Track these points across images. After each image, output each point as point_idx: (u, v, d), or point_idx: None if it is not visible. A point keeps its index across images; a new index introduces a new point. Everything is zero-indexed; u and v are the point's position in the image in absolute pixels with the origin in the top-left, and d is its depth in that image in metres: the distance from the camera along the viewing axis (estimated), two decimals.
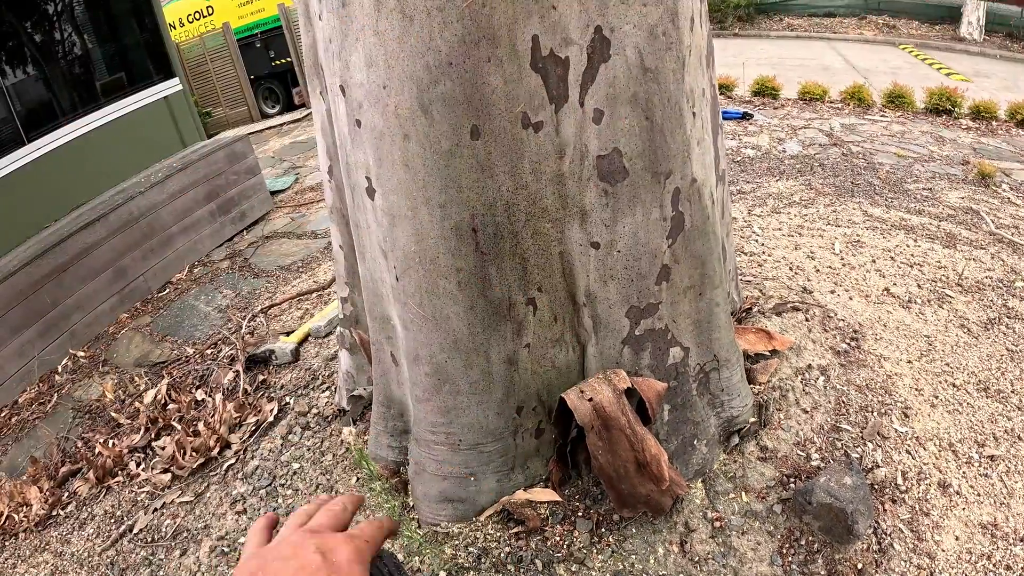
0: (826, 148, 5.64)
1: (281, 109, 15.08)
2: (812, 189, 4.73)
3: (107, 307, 5.61)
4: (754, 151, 5.78)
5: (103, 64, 6.98)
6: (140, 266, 5.88)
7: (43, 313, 5.14)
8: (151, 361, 4.73)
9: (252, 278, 5.73)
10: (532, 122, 1.66)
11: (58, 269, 5.24)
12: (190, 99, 7.46)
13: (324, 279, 5.08)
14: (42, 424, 4.44)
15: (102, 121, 6.51)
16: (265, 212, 7.28)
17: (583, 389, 1.87)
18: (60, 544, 3.18)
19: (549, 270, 1.85)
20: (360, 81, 1.68)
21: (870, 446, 2.34)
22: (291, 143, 11.22)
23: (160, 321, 5.41)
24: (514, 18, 1.55)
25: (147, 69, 7.13)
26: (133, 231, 5.81)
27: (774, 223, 4.16)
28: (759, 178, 5.12)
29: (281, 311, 4.74)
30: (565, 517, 2.13)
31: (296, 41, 13.83)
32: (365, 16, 1.60)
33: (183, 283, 6.06)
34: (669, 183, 1.83)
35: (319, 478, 2.65)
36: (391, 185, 1.74)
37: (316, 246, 6.01)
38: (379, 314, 2.15)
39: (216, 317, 5.13)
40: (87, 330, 5.44)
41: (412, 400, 2.13)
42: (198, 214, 6.41)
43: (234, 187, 6.76)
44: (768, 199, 4.63)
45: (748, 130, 6.46)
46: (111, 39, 7.04)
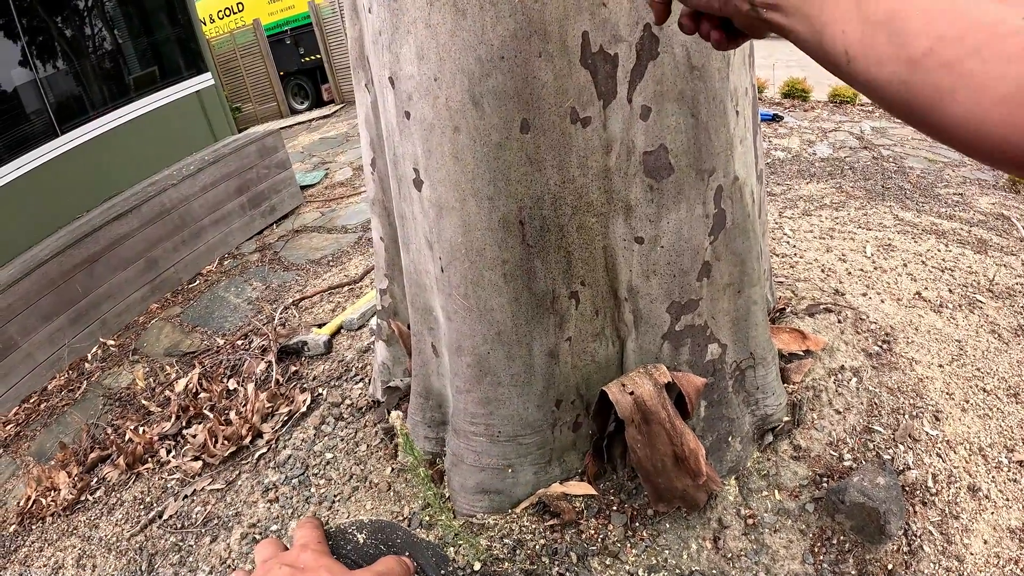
0: (856, 151, 5.61)
1: (310, 105, 15.24)
2: (843, 192, 4.71)
3: (138, 297, 5.68)
4: (784, 153, 5.76)
5: (136, 58, 7.07)
6: (171, 257, 5.95)
7: (74, 301, 5.21)
8: (181, 351, 4.78)
9: (282, 271, 5.78)
10: (580, 117, 1.68)
11: (90, 259, 5.31)
12: (222, 94, 7.54)
13: (355, 273, 5.11)
14: (71, 410, 4.50)
15: (135, 114, 6.60)
16: (295, 206, 7.34)
17: (624, 382, 1.88)
18: (88, 529, 3.21)
19: (593, 264, 1.86)
20: (410, 73, 1.70)
21: (901, 448, 2.33)
22: (320, 139, 11.29)
23: (190, 312, 5.47)
24: (565, 14, 1.57)
25: (179, 64, 7.22)
26: (165, 223, 5.87)
27: (805, 225, 4.15)
28: (790, 180, 5.11)
29: (312, 304, 4.78)
30: (600, 511, 2.15)
31: (326, 38, 13.92)
32: (417, 9, 1.62)
33: (213, 275, 6.12)
34: (712, 180, 1.84)
35: (353, 468, 2.67)
36: (439, 176, 1.76)
37: (346, 240, 6.05)
38: (421, 305, 2.17)
39: (246, 309, 5.17)
40: (117, 319, 5.50)
41: (452, 391, 2.15)
42: (229, 207, 6.48)
43: (265, 181, 6.82)
44: (799, 201, 4.62)
45: (778, 132, 6.44)
46: (144, 34, 7.12)
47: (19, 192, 5.66)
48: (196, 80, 7.18)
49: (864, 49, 0.60)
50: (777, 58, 10.01)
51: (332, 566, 0.68)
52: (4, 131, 5.74)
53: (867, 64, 0.60)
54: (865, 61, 0.60)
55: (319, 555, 0.70)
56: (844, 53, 0.63)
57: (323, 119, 13.54)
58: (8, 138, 5.74)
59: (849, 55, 0.62)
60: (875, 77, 0.59)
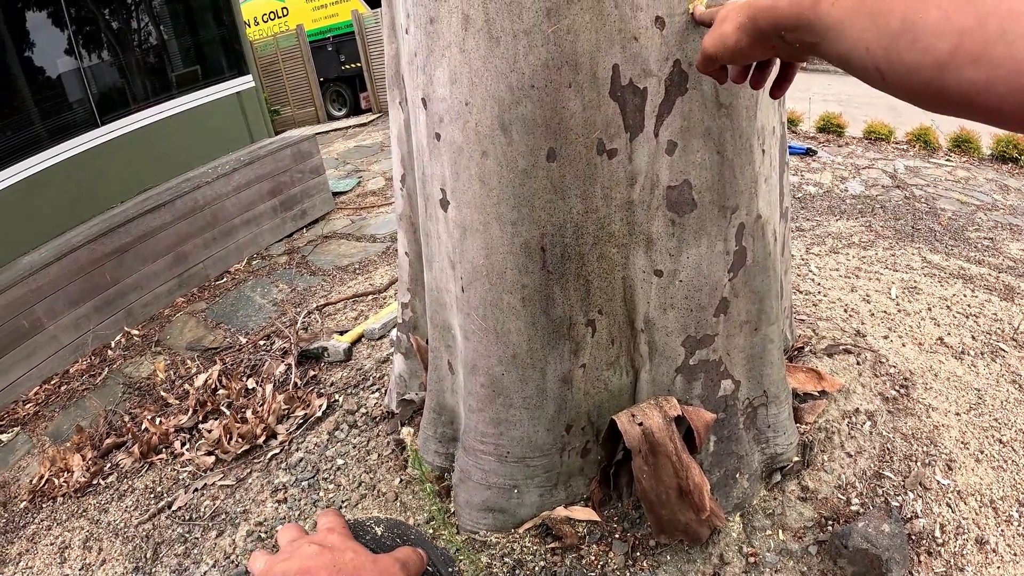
0: (889, 190, 5.58)
1: (347, 112, 15.41)
2: (872, 231, 4.69)
3: (164, 290, 5.76)
4: (816, 188, 5.74)
5: (180, 56, 7.19)
6: (200, 253, 6.03)
7: (102, 289, 5.30)
8: (203, 346, 4.84)
9: (308, 275, 5.83)
10: (607, 149, 1.70)
11: (121, 249, 5.40)
12: (262, 96, 7.64)
13: (380, 283, 5.16)
14: (91, 395, 4.57)
15: (175, 110, 6.70)
16: (326, 212, 7.41)
17: (634, 413, 1.90)
18: (97, 512, 3.26)
19: (611, 294, 1.88)
20: (443, 96, 1.73)
21: (911, 496, 2.32)
22: (356, 146, 11.39)
23: (215, 308, 5.54)
24: (597, 46, 1.59)
25: (222, 64, 7.33)
26: (196, 219, 5.96)
27: (831, 263, 4.13)
28: (819, 216, 5.09)
29: (336, 310, 4.83)
30: (602, 537, 2.15)
31: (367, 48, 14.06)
32: (452, 34, 1.65)
33: (240, 274, 6.19)
34: (735, 218, 1.85)
35: (362, 476, 2.70)
36: (465, 199, 1.79)
37: (374, 250, 6.10)
38: (440, 322, 2.20)
39: (270, 309, 5.23)
40: (143, 310, 5.59)
41: (465, 409, 2.18)
42: (261, 208, 6.56)
43: (298, 185, 6.90)
44: (827, 238, 4.60)
45: (811, 167, 6.42)
46: (189, 32, 7.25)
47: (57, 178, 5.76)
48: (237, 81, 7.29)
49: (892, 63, 0.60)
50: (814, 91, 9.99)
51: (357, 548, 0.70)
52: (46, 117, 5.85)
53: (899, 77, 0.60)
54: (897, 74, 0.60)
55: (345, 538, 0.72)
56: (876, 70, 0.63)
57: (359, 127, 13.66)
58: (50, 124, 5.85)
59: (882, 71, 0.62)
60: (911, 87, 0.59)
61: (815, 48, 0.78)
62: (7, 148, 5.55)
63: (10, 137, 5.58)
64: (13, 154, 5.54)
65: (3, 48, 5.59)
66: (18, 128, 5.66)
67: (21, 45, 5.75)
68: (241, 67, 7.36)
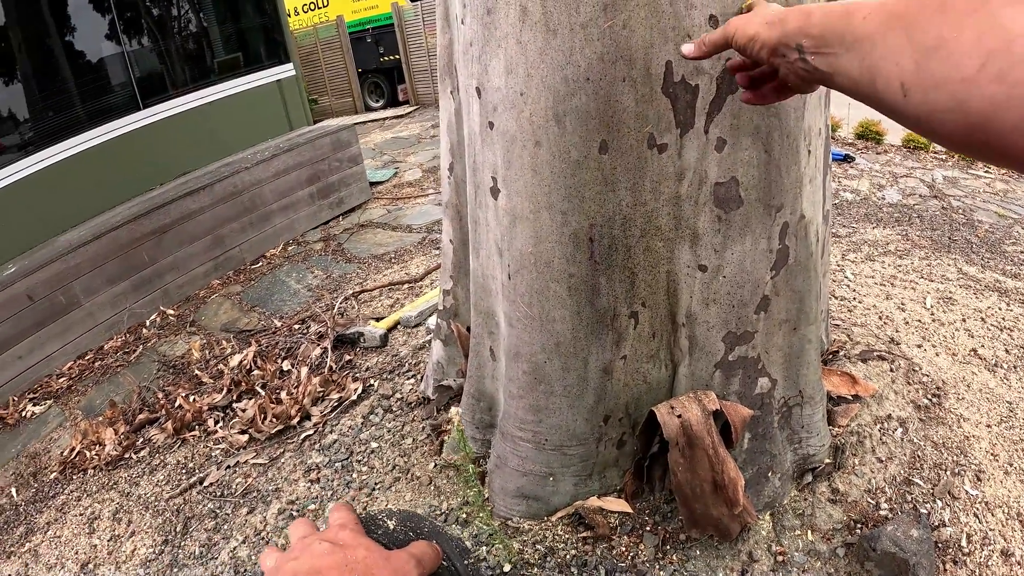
0: (926, 200, 5.54)
1: (384, 104, 15.53)
2: (908, 240, 4.66)
3: (201, 271, 5.85)
4: (853, 195, 5.71)
5: (222, 43, 7.28)
6: (237, 237, 6.11)
7: (140, 269, 5.39)
8: (237, 328, 4.90)
9: (344, 263, 5.89)
10: (658, 143, 1.72)
11: (159, 230, 5.48)
12: (301, 85, 7.71)
13: (416, 272, 5.20)
14: (125, 372, 4.64)
15: (216, 96, 6.80)
16: (363, 201, 7.47)
17: (673, 405, 1.92)
18: (128, 485, 3.32)
19: (655, 287, 1.90)
20: (498, 86, 1.76)
21: (939, 504, 2.31)
22: (393, 137, 11.46)
23: (250, 291, 5.61)
24: (651, 42, 1.61)
25: (263, 52, 7.41)
26: (235, 203, 6.04)
27: (867, 270, 4.12)
28: (856, 223, 5.07)
29: (371, 297, 4.87)
30: (633, 529, 2.17)
31: (406, 40, 14.14)
32: (509, 25, 1.68)
33: (276, 259, 6.26)
34: (779, 216, 1.86)
35: (396, 459, 2.73)
36: (516, 187, 1.81)
37: (410, 240, 6.14)
38: (484, 309, 2.23)
39: (305, 295, 5.29)
40: (179, 290, 5.68)
41: (505, 395, 2.20)
42: (298, 195, 6.64)
43: (335, 173, 6.96)
44: (863, 245, 4.58)
45: (848, 173, 6.38)
46: (231, 20, 7.33)
47: (99, 159, 5.87)
48: (278, 69, 7.36)
49: (920, 78, 0.62)
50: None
51: (370, 544, 0.69)
52: (89, 99, 5.96)
53: (924, 92, 0.62)
54: (922, 90, 0.62)
55: (357, 535, 0.71)
56: (900, 86, 0.65)
57: (397, 119, 13.75)
58: (93, 106, 5.96)
59: (906, 87, 0.65)
60: (932, 104, 0.61)
61: (831, 63, 0.81)
62: (52, 128, 5.66)
63: (54, 117, 5.69)
64: (57, 134, 5.65)
65: (48, 32, 5.70)
66: (62, 109, 5.77)
67: (66, 29, 5.86)
68: (282, 55, 7.44)
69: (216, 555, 2.66)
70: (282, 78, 7.38)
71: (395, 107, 15.17)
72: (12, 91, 5.53)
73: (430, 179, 8.19)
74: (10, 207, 5.33)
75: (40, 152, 5.55)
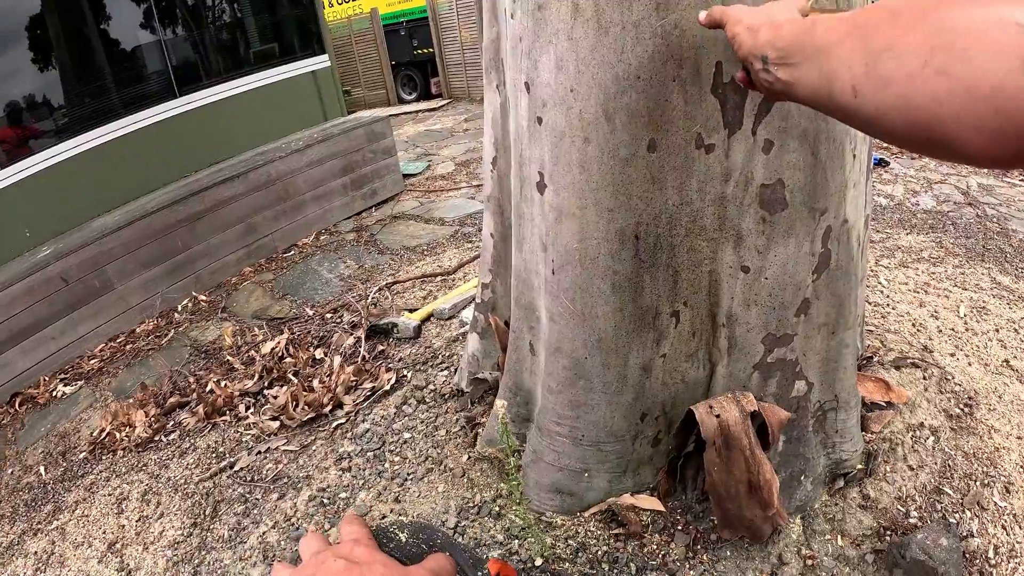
0: (960, 207, 5.48)
1: (417, 97, 15.62)
2: (942, 248, 4.62)
3: (233, 259, 5.90)
4: (887, 200, 5.66)
5: (258, 33, 7.35)
6: (270, 225, 6.16)
7: (173, 254, 5.46)
8: (269, 315, 4.94)
9: (376, 254, 5.91)
10: (705, 143, 1.72)
11: (193, 217, 5.54)
12: (336, 76, 7.76)
13: (448, 265, 5.22)
14: (156, 355, 4.68)
15: (252, 86, 6.87)
16: (396, 193, 7.50)
17: (712, 405, 1.92)
18: (157, 468, 3.35)
19: (697, 286, 1.91)
20: (547, 81, 1.77)
21: (968, 514, 2.30)
22: (426, 130, 11.51)
23: (282, 280, 5.65)
24: (702, 42, 1.61)
25: (300, 43, 7.47)
26: (268, 192, 6.09)
27: (901, 276, 4.09)
28: (889, 228, 5.03)
29: (404, 289, 4.89)
30: (665, 528, 2.18)
31: (440, 34, 14.18)
32: (560, 21, 1.68)
33: (308, 248, 6.30)
34: (823, 220, 1.86)
35: (429, 450, 2.75)
36: (564, 183, 1.83)
37: (443, 232, 6.16)
38: (526, 303, 2.24)
39: (337, 284, 5.32)
40: (211, 277, 5.74)
41: (543, 390, 2.22)
42: (331, 185, 6.68)
43: (369, 164, 7.00)
44: (897, 252, 4.55)
45: (882, 178, 6.31)
46: (268, 10, 7.40)
47: (135, 145, 5.94)
48: (313, 60, 7.41)
49: (869, 79, 0.67)
50: None
51: (387, 561, 0.67)
52: (126, 86, 6.03)
53: (872, 92, 0.66)
54: (871, 90, 0.66)
55: (372, 550, 0.68)
56: (852, 89, 0.70)
57: (429, 112, 13.79)
58: (129, 93, 6.03)
59: (856, 89, 0.69)
60: (880, 103, 0.65)
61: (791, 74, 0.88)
62: (88, 114, 5.74)
63: (91, 103, 5.77)
64: (94, 119, 5.74)
65: (86, 20, 5.78)
66: (99, 95, 5.85)
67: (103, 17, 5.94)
68: (317, 46, 7.49)
69: (245, 539, 2.69)
70: (317, 69, 7.43)
71: (428, 100, 15.23)
72: (49, 77, 5.61)
73: (463, 172, 8.21)
74: (47, 190, 5.42)
75: (77, 137, 5.63)
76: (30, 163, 5.36)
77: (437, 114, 13.41)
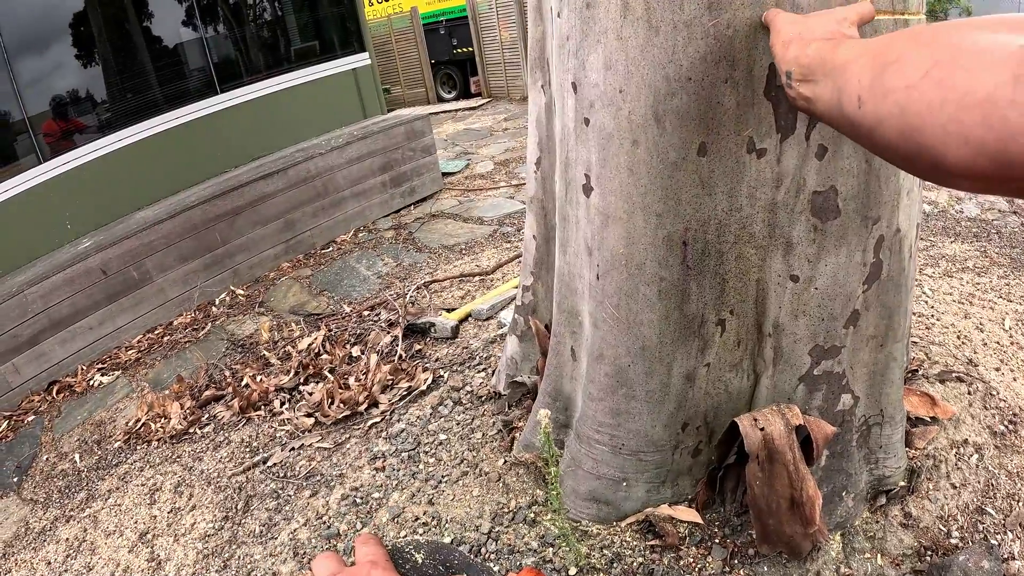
0: (1005, 215, 5.35)
1: (457, 96, 15.79)
2: (987, 257, 4.51)
3: (271, 254, 5.95)
4: (931, 207, 5.55)
5: (299, 31, 7.43)
6: (309, 221, 6.21)
7: (212, 248, 5.52)
8: (306, 311, 4.97)
9: (415, 252, 5.93)
10: (756, 148, 1.68)
11: (232, 211, 5.60)
12: (376, 74, 7.81)
13: (487, 265, 5.21)
14: (193, 348, 4.74)
15: (293, 83, 6.94)
16: (435, 191, 7.55)
17: (756, 417, 1.88)
18: (191, 460, 3.38)
19: (744, 295, 1.86)
20: (595, 82, 1.74)
21: (1010, 536, 2.24)
22: (465, 129, 11.55)
23: (320, 276, 5.68)
24: (755, 43, 1.57)
25: (340, 41, 7.54)
26: (307, 188, 6.14)
27: (945, 287, 4.00)
28: (933, 236, 4.92)
29: (442, 288, 4.90)
30: (702, 541, 2.14)
31: (480, 33, 14.24)
32: (609, 20, 1.65)
33: (346, 245, 6.33)
34: (876, 229, 1.81)
35: (465, 453, 2.73)
36: (611, 186, 1.79)
37: (481, 232, 6.17)
38: (568, 307, 2.21)
39: (375, 282, 5.34)
40: (249, 271, 5.79)
41: (584, 397, 2.18)
42: (371, 182, 6.72)
43: (408, 162, 7.03)
44: (941, 260, 4.45)
45: (926, 184, 6.20)
46: (309, 9, 7.47)
47: (177, 141, 6.03)
48: (354, 58, 7.47)
49: (873, 90, 0.70)
50: None
51: None
52: (168, 82, 6.12)
53: (874, 102, 0.69)
54: (873, 99, 0.70)
55: (388, 572, 0.67)
56: (858, 99, 0.74)
57: (469, 110, 13.86)
58: (171, 89, 6.12)
59: (861, 99, 0.73)
60: (880, 112, 0.68)
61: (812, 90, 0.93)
62: (131, 109, 5.82)
63: (133, 99, 5.86)
64: (136, 115, 5.83)
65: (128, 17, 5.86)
66: (141, 91, 5.94)
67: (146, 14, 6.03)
68: (359, 45, 7.55)
69: (276, 535, 2.70)
70: (357, 67, 7.48)
71: (467, 99, 15.34)
72: (93, 72, 5.71)
73: (502, 172, 8.20)
74: (89, 183, 5.52)
75: (119, 132, 5.72)
76: (73, 156, 5.47)
77: (476, 113, 13.46)
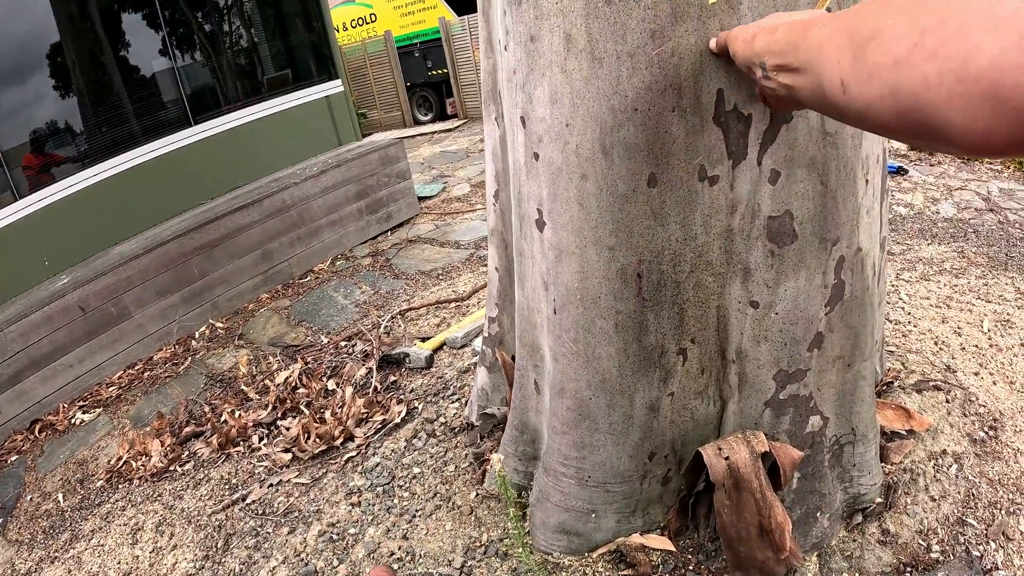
0: (982, 213, 5.36)
1: (433, 117, 15.85)
2: (964, 257, 4.51)
3: (250, 285, 5.92)
4: (906, 210, 5.55)
5: (271, 59, 7.46)
6: (286, 251, 6.19)
7: (190, 282, 5.50)
8: (285, 343, 4.94)
9: (392, 278, 5.91)
10: (708, 175, 1.67)
11: (209, 244, 5.57)
12: (350, 100, 7.82)
13: (463, 290, 5.20)
14: (173, 383, 4.71)
15: (266, 112, 6.94)
16: (411, 216, 7.53)
17: (721, 446, 1.86)
18: (172, 498, 3.35)
19: (704, 323, 1.85)
20: (542, 116, 1.72)
21: (993, 545, 2.22)
22: (441, 152, 11.54)
23: (298, 306, 5.66)
24: (701, 70, 1.56)
25: (312, 68, 7.56)
26: (283, 218, 6.13)
27: (922, 291, 3.99)
28: (910, 240, 4.92)
29: (418, 315, 4.87)
30: (676, 568, 2.12)
31: (454, 54, 14.32)
32: (553, 53, 1.64)
33: (324, 273, 6.31)
34: (835, 250, 1.80)
35: (438, 486, 2.71)
36: (562, 221, 1.78)
37: (458, 256, 6.16)
38: (529, 341, 2.19)
39: (353, 311, 5.32)
40: (228, 304, 5.76)
41: (548, 430, 2.17)
42: (347, 210, 6.71)
43: (384, 188, 7.03)
44: (918, 264, 4.45)
45: (901, 186, 6.20)
46: (280, 37, 7.50)
47: (150, 174, 6.02)
48: (327, 85, 7.47)
49: (855, 71, 0.66)
50: None
51: None
52: (142, 115, 6.11)
53: (859, 84, 0.65)
54: (857, 82, 0.66)
55: None
56: (840, 83, 0.70)
57: (445, 132, 13.90)
58: (145, 122, 6.11)
59: (845, 83, 0.68)
60: (868, 94, 0.64)
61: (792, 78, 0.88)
62: (105, 143, 5.80)
63: (108, 133, 5.84)
64: (110, 149, 5.80)
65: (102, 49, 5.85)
66: (115, 124, 5.92)
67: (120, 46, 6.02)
68: (330, 71, 7.55)
69: (255, 574, 2.67)
70: (331, 94, 7.48)
71: (444, 120, 15.41)
72: (68, 105, 5.69)
73: (478, 194, 8.20)
74: (65, 219, 5.48)
75: (95, 166, 5.71)
76: (50, 191, 5.44)
77: (453, 134, 13.48)
